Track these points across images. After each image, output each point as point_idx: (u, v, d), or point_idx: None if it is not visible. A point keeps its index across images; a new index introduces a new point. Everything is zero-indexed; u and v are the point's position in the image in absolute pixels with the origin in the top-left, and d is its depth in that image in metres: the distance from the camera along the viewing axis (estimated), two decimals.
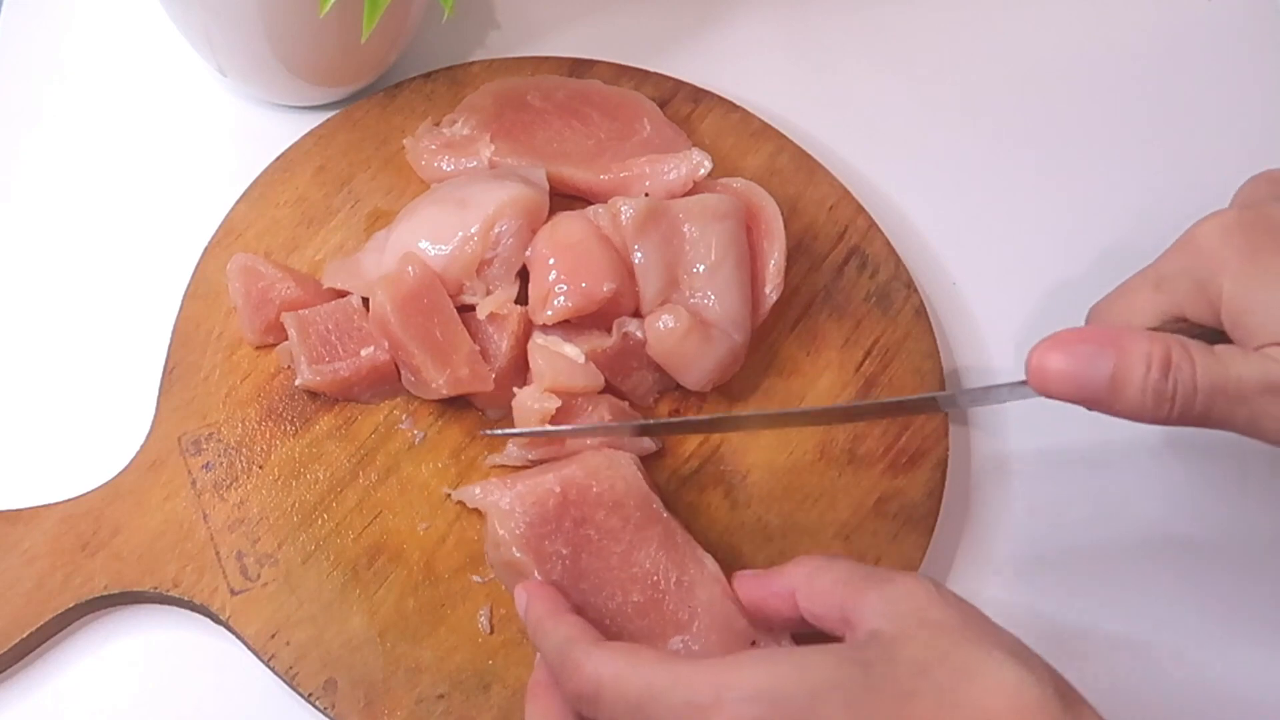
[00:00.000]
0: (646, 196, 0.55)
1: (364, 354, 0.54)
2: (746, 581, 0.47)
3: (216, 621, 0.51)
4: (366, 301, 0.54)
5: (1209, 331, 0.44)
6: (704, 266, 0.53)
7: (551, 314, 0.52)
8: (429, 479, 0.54)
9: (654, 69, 0.64)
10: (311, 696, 0.49)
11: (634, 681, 0.38)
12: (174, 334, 0.56)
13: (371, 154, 0.61)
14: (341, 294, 0.56)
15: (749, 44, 0.69)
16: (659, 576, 0.49)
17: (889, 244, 0.60)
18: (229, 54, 0.60)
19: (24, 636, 0.49)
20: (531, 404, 0.51)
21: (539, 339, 0.53)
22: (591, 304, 0.52)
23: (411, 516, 0.53)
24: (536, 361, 0.52)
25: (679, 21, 0.69)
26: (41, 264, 0.60)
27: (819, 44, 0.70)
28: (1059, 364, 0.42)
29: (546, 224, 0.54)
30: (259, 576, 0.51)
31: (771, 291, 0.55)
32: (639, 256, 0.53)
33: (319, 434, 0.54)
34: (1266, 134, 0.66)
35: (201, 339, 0.56)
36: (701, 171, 0.56)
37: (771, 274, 0.55)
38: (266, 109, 0.65)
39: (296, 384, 0.54)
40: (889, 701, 0.36)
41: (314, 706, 0.49)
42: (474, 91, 0.62)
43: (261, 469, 0.53)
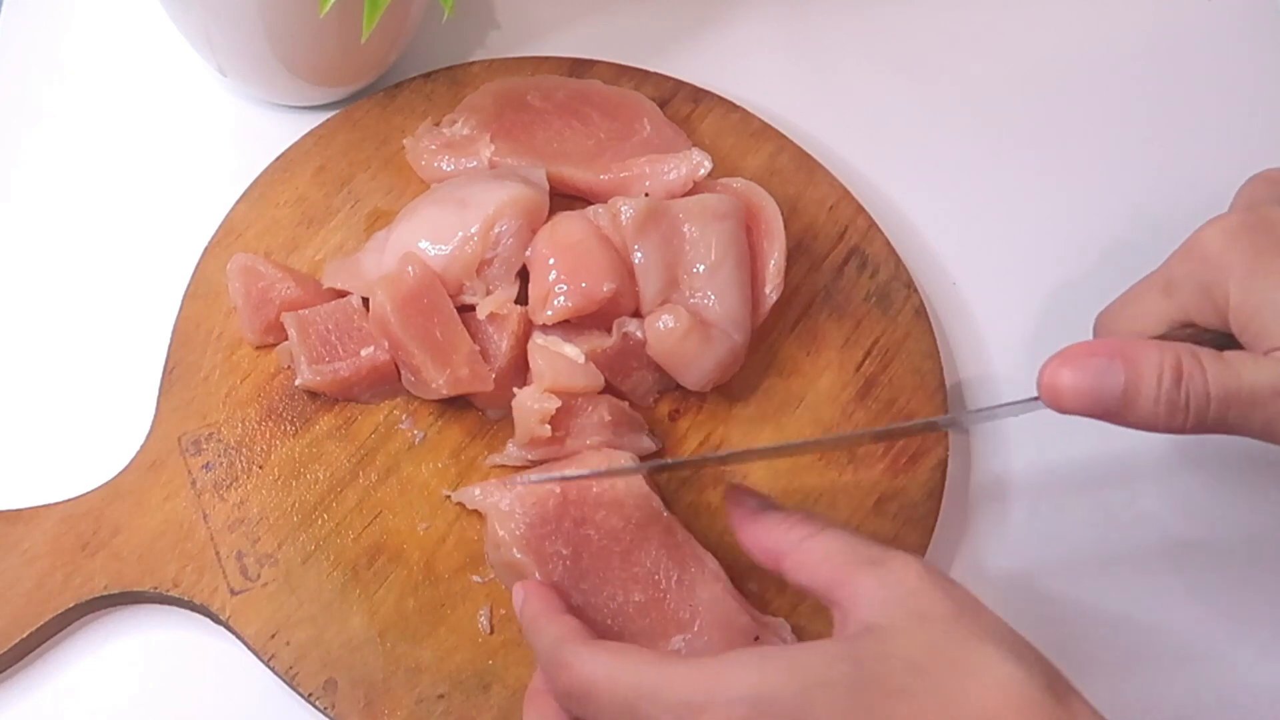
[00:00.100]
0: (646, 196, 0.55)
1: (364, 354, 0.54)
2: (740, 518, 0.46)
3: (216, 621, 0.51)
4: (366, 301, 0.54)
5: (1218, 336, 0.44)
6: (704, 266, 0.53)
7: (551, 314, 0.52)
8: (429, 479, 0.54)
9: (654, 69, 0.64)
10: (311, 696, 0.49)
11: (625, 681, 0.38)
12: (174, 334, 0.56)
13: (371, 154, 0.61)
14: (341, 294, 0.56)
15: (749, 44, 0.69)
16: (660, 576, 0.49)
17: (889, 244, 0.60)
18: (229, 54, 0.60)
19: (24, 636, 0.49)
20: (531, 404, 0.51)
21: (539, 339, 0.53)
22: (591, 304, 0.52)
23: (411, 516, 0.53)
24: (536, 361, 0.52)
25: (679, 21, 0.69)
26: (41, 264, 0.60)
27: (819, 44, 0.70)
28: (1071, 380, 0.42)
29: (546, 224, 0.54)
30: (259, 576, 0.51)
31: (771, 291, 0.55)
32: (639, 256, 0.53)
33: (319, 434, 0.54)
34: (1267, 134, 0.66)
35: (201, 339, 0.56)
36: (701, 171, 0.56)
37: (771, 274, 0.55)
38: (266, 109, 0.65)
39: (296, 384, 0.54)
40: (880, 699, 0.36)
41: (314, 706, 0.49)
42: (474, 91, 0.62)
43: (261, 469, 0.53)
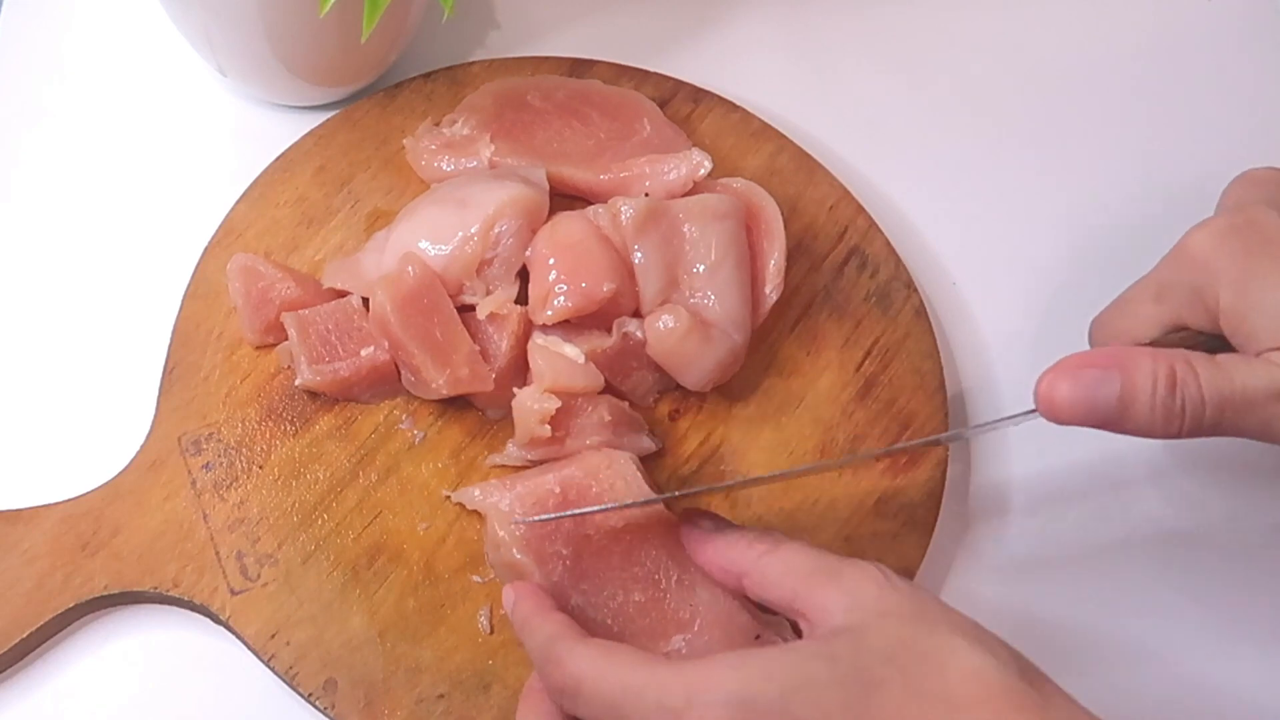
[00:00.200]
0: (646, 196, 0.55)
1: (364, 354, 0.54)
2: (695, 540, 0.47)
3: (216, 621, 0.51)
4: (366, 301, 0.54)
5: (1211, 339, 0.44)
6: (704, 266, 0.53)
7: (551, 314, 0.52)
8: (429, 479, 0.54)
9: (654, 69, 0.64)
10: (311, 696, 0.49)
11: (611, 680, 0.39)
12: (174, 334, 0.56)
13: (371, 154, 0.61)
14: (341, 294, 0.56)
15: (749, 44, 0.69)
16: (660, 575, 0.49)
17: (889, 244, 0.60)
18: (229, 54, 0.60)
19: (24, 636, 0.49)
20: (531, 404, 0.51)
21: (539, 339, 0.53)
22: (591, 304, 0.52)
23: (411, 516, 0.53)
24: (536, 362, 0.52)
25: (679, 21, 0.69)
26: (42, 264, 0.60)
27: (819, 44, 0.70)
28: (1067, 393, 0.43)
29: (546, 224, 0.54)
30: (259, 576, 0.51)
31: (771, 291, 0.55)
32: (639, 256, 0.53)
33: (319, 434, 0.54)
34: (1267, 134, 0.66)
35: (201, 339, 0.56)
36: (701, 171, 0.56)
37: (771, 274, 0.55)
38: (266, 109, 0.65)
39: (296, 384, 0.54)
40: (857, 692, 0.37)
41: (314, 706, 0.49)
42: (474, 91, 0.62)
43: (261, 469, 0.53)
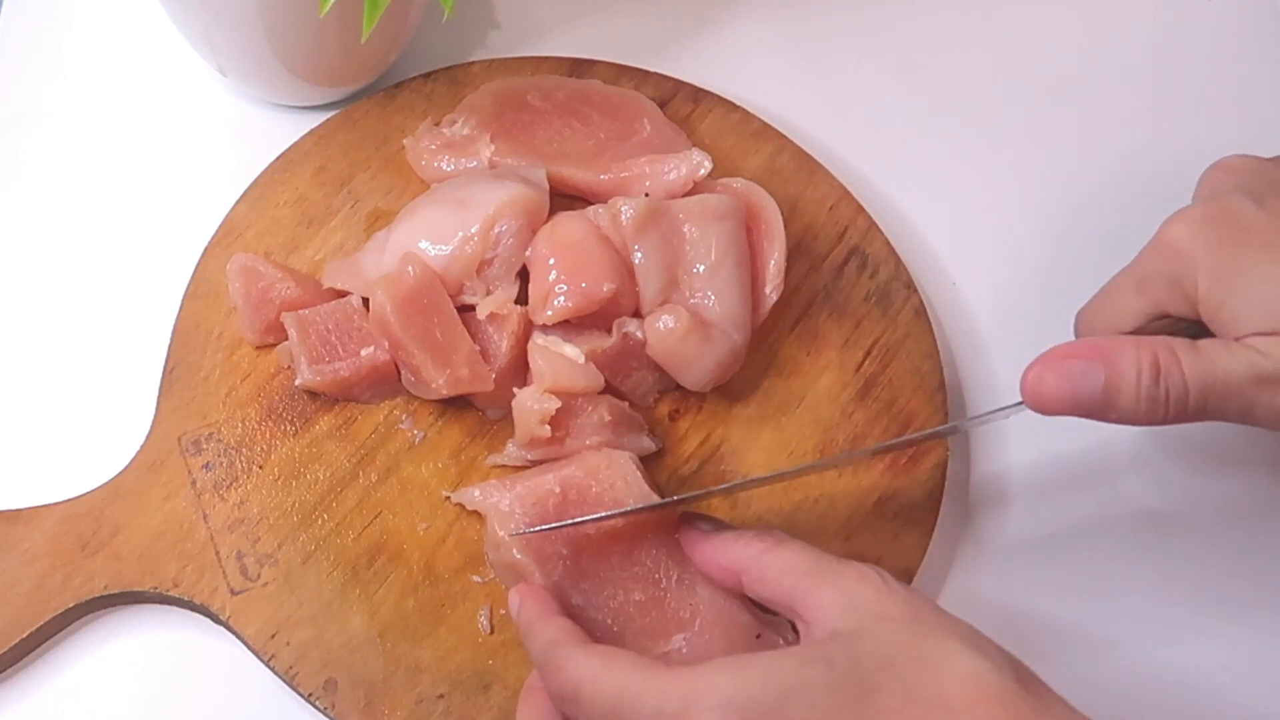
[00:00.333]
0: (646, 196, 0.55)
1: (364, 354, 0.54)
2: (694, 540, 0.47)
3: (216, 621, 0.51)
4: (366, 301, 0.54)
5: (1192, 325, 0.45)
6: (704, 266, 0.53)
7: (551, 314, 0.52)
8: (429, 479, 0.54)
9: (654, 69, 0.64)
10: (311, 696, 0.49)
11: (610, 686, 0.39)
12: (174, 334, 0.56)
13: (371, 154, 0.61)
14: (341, 294, 0.56)
15: (749, 44, 0.69)
16: (660, 575, 0.49)
17: (889, 244, 0.60)
18: (229, 54, 0.60)
19: (24, 636, 0.49)
20: (531, 404, 0.51)
21: (539, 339, 0.53)
22: (591, 304, 0.52)
23: (411, 516, 0.53)
24: (536, 362, 0.52)
25: (679, 21, 0.69)
26: (42, 264, 0.60)
27: (819, 44, 0.70)
28: (1053, 384, 0.43)
29: (546, 224, 0.54)
30: (259, 576, 0.51)
31: (771, 291, 0.55)
32: (639, 256, 0.53)
33: (319, 434, 0.54)
34: (1267, 134, 0.66)
35: (201, 339, 0.56)
36: (701, 172, 0.56)
37: (771, 274, 0.55)
38: (266, 109, 0.65)
39: (296, 384, 0.54)
40: (854, 697, 0.37)
41: (314, 706, 0.49)
42: (474, 91, 0.62)
43: (261, 469, 0.53)
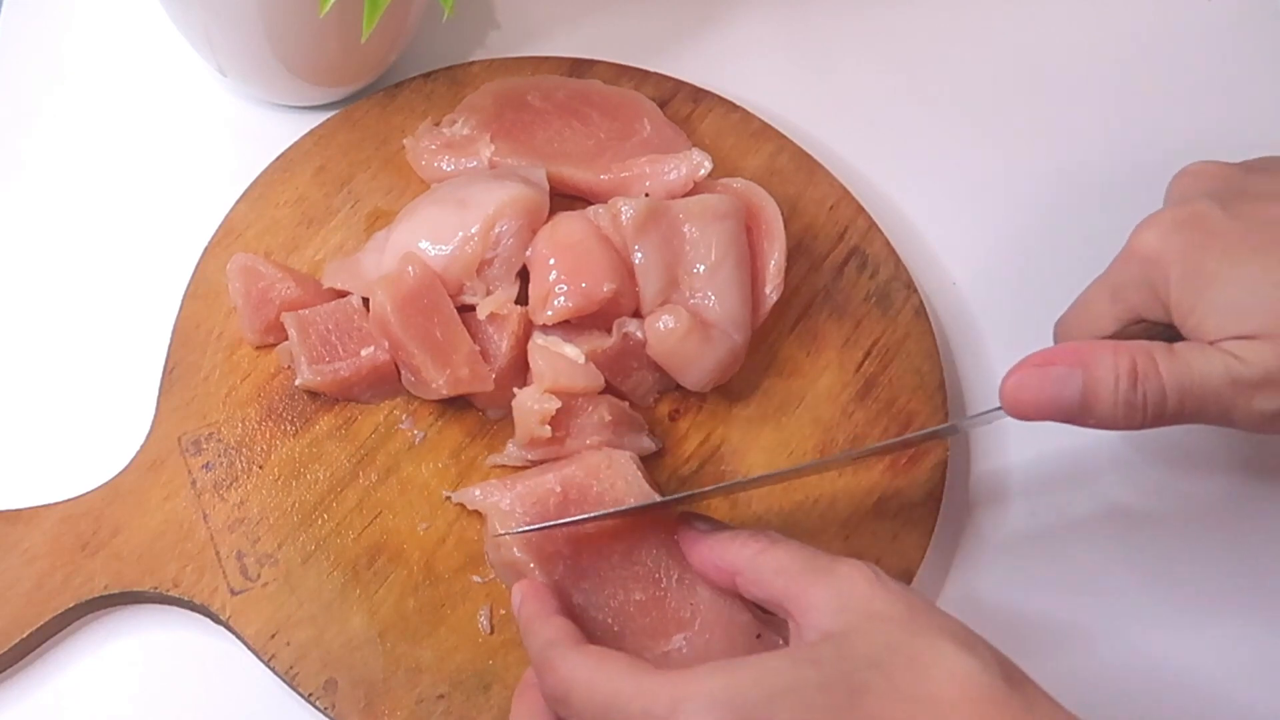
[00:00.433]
0: (647, 196, 0.55)
1: (364, 354, 0.54)
2: (691, 540, 0.47)
3: (216, 621, 0.51)
4: (366, 301, 0.54)
5: (1168, 329, 0.45)
6: (704, 267, 0.53)
7: (551, 314, 0.52)
8: (429, 479, 0.54)
9: (654, 69, 0.64)
10: (311, 696, 0.49)
11: (601, 688, 0.40)
12: (174, 334, 0.56)
13: (371, 154, 0.61)
14: (341, 294, 0.56)
15: (749, 44, 0.69)
16: (660, 575, 0.49)
17: (889, 244, 0.60)
18: (229, 54, 0.60)
19: (24, 636, 0.49)
20: (531, 404, 0.51)
21: (539, 339, 0.53)
22: (591, 304, 0.52)
23: (411, 516, 0.53)
24: (536, 362, 0.52)
25: (679, 21, 0.69)
26: (42, 264, 0.60)
27: (819, 44, 0.70)
28: (1031, 390, 0.44)
29: (546, 224, 0.54)
30: (259, 576, 0.51)
31: (771, 292, 0.55)
32: (639, 256, 0.53)
33: (319, 434, 0.54)
34: (1267, 134, 0.66)
35: (201, 339, 0.56)
36: (702, 172, 0.56)
37: (771, 274, 0.55)
38: (266, 109, 0.65)
39: (296, 384, 0.54)
40: (843, 696, 0.37)
41: (314, 706, 0.49)
42: (474, 91, 0.62)
43: (261, 469, 0.53)
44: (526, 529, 0.49)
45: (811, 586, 0.41)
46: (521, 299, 0.54)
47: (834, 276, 0.59)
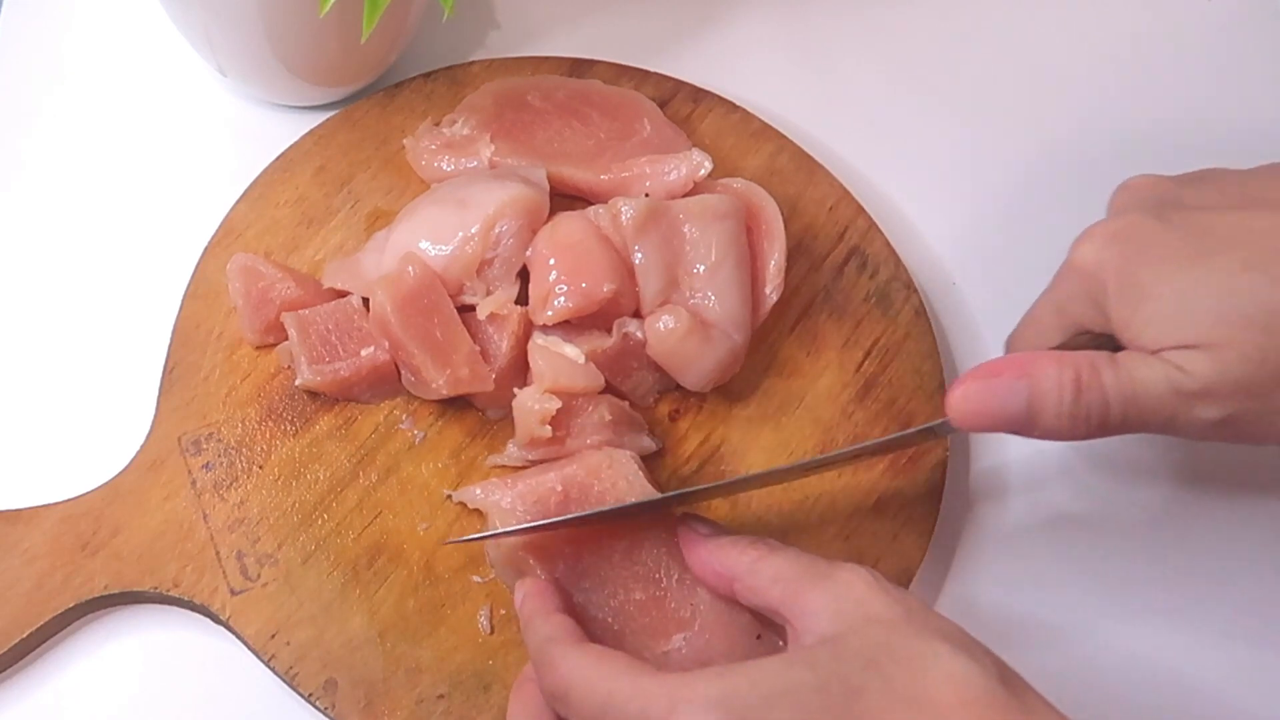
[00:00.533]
0: (647, 197, 0.55)
1: (364, 354, 0.54)
2: (690, 543, 0.48)
3: (216, 621, 0.51)
4: (366, 301, 0.54)
5: (1113, 338, 0.45)
6: (704, 267, 0.53)
7: (552, 314, 0.52)
8: (429, 479, 0.54)
9: (654, 69, 0.64)
10: (311, 696, 0.49)
11: (599, 687, 0.40)
12: (174, 334, 0.56)
13: (371, 154, 0.61)
14: (341, 294, 0.56)
15: (749, 44, 0.69)
16: (660, 574, 0.49)
17: (889, 244, 0.60)
18: (229, 54, 0.60)
19: (24, 636, 0.49)
20: (532, 404, 0.51)
21: (539, 339, 0.53)
22: (591, 304, 0.52)
23: (411, 516, 0.53)
24: (537, 362, 0.52)
25: (679, 21, 0.69)
26: (42, 264, 0.60)
27: (819, 44, 0.70)
28: (976, 401, 0.43)
29: (547, 224, 0.54)
30: (259, 576, 0.51)
31: (771, 292, 0.55)
32: (639, 257, 0.53)
33: (319, 434, 0.54)
34: (1267, 134, 0.66)
35: (201, 339, 0.56)
36: (702, 172, 0.56)
37: (771, 274, 0.55)
38: (266, 109, 0.65)
39: (296, 384, 0.54)
40: (839, 698, 0.37)
41: (314, 706, 0.49)
42: (474, 91, 0.62)
43: (261, 469, 0.53)
44: (526, 526, 0.49)
45: (809, 592, 0.41)
46: (521, 299, 0.54)
47: (834, 276, 0.59)
